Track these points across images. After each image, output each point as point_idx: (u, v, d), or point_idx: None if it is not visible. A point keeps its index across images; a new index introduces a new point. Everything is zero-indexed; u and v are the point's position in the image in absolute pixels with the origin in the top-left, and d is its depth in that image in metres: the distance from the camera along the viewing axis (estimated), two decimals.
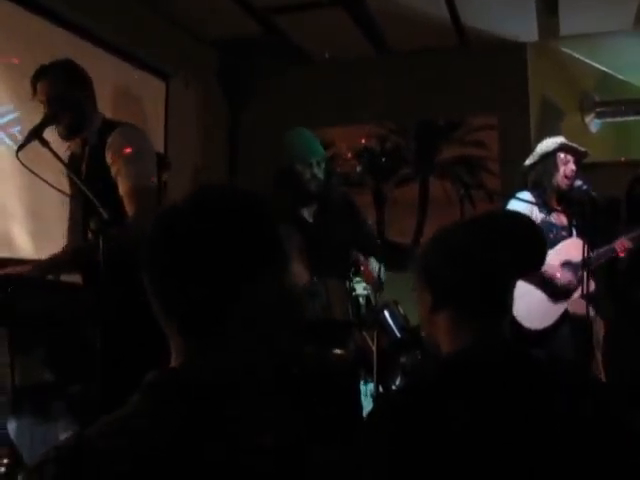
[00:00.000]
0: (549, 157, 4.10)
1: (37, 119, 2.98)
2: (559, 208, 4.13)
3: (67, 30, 5.37)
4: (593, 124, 7.84)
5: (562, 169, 4.08)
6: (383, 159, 6.14)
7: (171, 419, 0.94)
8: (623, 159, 6.91)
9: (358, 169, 4.44)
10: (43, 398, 3.66)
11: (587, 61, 7.46)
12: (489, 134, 6.85)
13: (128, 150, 3.02)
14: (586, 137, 7.79)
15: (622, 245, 3.93)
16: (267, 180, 3.89)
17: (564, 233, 4.13)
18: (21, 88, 3.66)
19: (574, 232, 4.16)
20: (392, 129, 7.02)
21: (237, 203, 1.04)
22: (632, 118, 7.69)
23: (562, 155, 4.09)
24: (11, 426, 3.63)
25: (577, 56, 7.35)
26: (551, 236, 4.03)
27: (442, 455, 1.26)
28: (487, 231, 1.49)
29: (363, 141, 6.98)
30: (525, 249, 1.47)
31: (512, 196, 4.15)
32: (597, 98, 7.80)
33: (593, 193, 3.93)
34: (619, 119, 7.79)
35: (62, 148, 3.10)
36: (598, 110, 7.78)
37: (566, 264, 4.03)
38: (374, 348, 3.03)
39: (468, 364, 1.40)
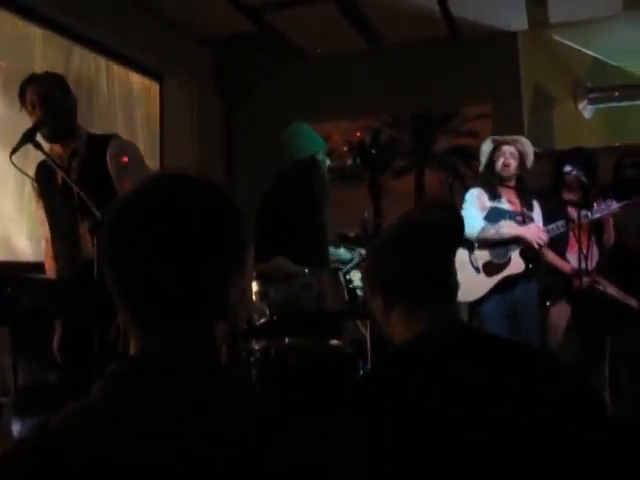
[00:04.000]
0: (490, 154, 4.41)
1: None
2: (510, 194, 4.41)
3: (60, 34, 5.43)
4: (586, 110, 7.89)
5: (501, 160, 4.34)
6: (373, 151, 6.20)
7: (124, 405, 0.96)
8: (618, 144, 6.94)
9: (349, 162, 4.48)
10: (47, 398, 3.71)
11: (578, 48, 7.49)
12: (483, 123, 6.91)
13: (128, 160, 3.18)
14: (579, 123, 7.85)
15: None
16: (265, 176, 3.92)
17: (518, 218, 4.34)
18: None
19: (535, 219, 4.34)
20: (387, 122, 7.07)
21: (209, 200, 1.05)
22: (625, 103, 7.74)
23: (499, 149, 4.38)
24: (15, 427, 3.69)
25: (568, 43, 7.39)
26: (503, 221, 4.29)
27: (404, 432, 1.33)
28: (408, 224, 1.61)
29: (358, 134, 7.03)
30: (443, 233, 1.58)
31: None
32: (589, 84, 7.85)
33: (583, 178, 4.08)
34: (612, 105, 7.83)
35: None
36: (591, 96, 7.83)
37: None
38: (368, 337, 3.08)
39: (420, 349, 1.49)
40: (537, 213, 4.39)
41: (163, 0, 5.93)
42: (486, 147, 4.44)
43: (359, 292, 3.79)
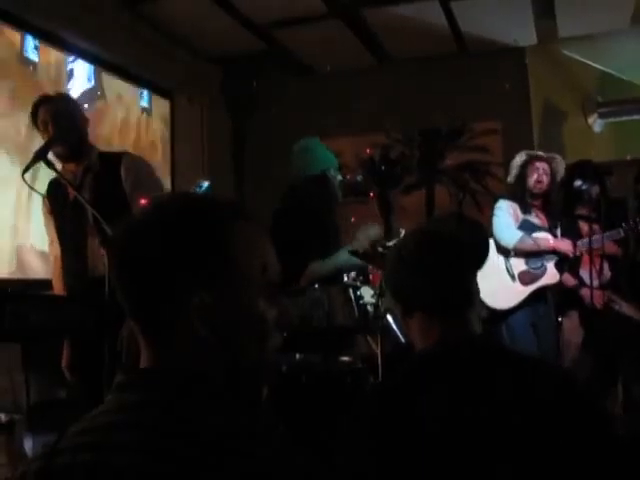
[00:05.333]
0: (523, 168, 4.38)
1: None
2: (538, 210, 4.39)
3: (70, 53, 5.48)
4: (596, 124, 7.87)
5: (534, 176, 4.31)
6: (383, 167, 6.19)
7: (130, 418, 0.98)
8: (629, 158, 6.92)
9: (358, 178, 4.47)
10: (58, 414, 3.72)
11: (588, 62, 7.49)
12: (492, 139, 6.88)
13: (147, 175, 3.26)
14: (590, 138, 7.83)
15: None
16: (274, 192, 3.92)
17: (547, 232, 4.32)
18: None
19: (558, 234, 4.34)
20: (396, 138, 7.06)
21: (184, 214, 1.05)
22: (636, 117, 7.72)
23: (532, 164, 4.35)
24: (28, 444, 3.69)
25: (577, 58, 7.39)
26: (536, 234, 4.27)
27: (415, 444, 1.33)
28: (431, 239, 1.60)
29: (367, 151, 7.03)
30: (467, 248, 1.58)
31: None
32: (599, 99, 7.83)
33: (593, 192, 4.07)
34: (622, 119, 7.81)
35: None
36: (600, 111, 7.81)
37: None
38: (379, 353, 3.06)
39: (433, 361, 1.49)
40: (559, 231, 4.39)
41: (173, 20, 5.98)
42: (519, 160, 4.41)
43: (369, 308, 3.78)
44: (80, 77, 5.62)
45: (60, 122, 3.11)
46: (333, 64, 7.06)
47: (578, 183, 4.19)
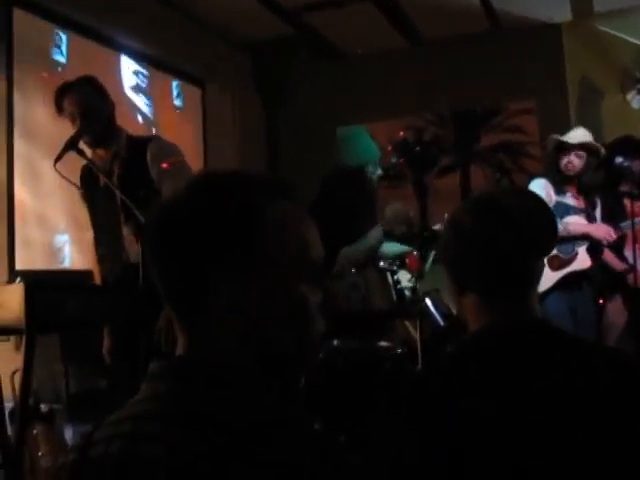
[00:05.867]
0: (553, 152, 4.29)
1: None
2: (574, 190, 4.29)
3: (99, 43, 5.47)
4: (635, 101, 7.68)
5: (565, 159, 4.22)
6: (417, 148, 6.12)
7: (161, 408, 0.95)
8: None
9: (393, 159, 4.42)
10: (97, 404, 3.74)
11: (625, 37, 7.30)
12: (528, 119, 6.78)
13: (167, 165, 3.16)
14: (628, 114, 7.65)
15: None
16: (308, 178, 3.88)
17: (583, 215, 4.23)
18: None
19: (597, 217, 4.22)
20: (430, 120, 6.99)
21: (214, 194, 1.00)
22: None
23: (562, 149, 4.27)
24: (68, 433, 3.72)
25: (614, 33, 7.20)
26: (567, 217, 4.17)
27: (463, 433, 1.26)
28: (495, 213, 1.46)
29: (401, 134, 6.97)
30: (534, 228, 1.45)
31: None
32: (638, 74, 7.65)
33: (635, 168, 3.99)
34: None
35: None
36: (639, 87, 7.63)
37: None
38: (417, 337, 3.02)
39: (486, 342, 1.40)
40: (599, 211, 4.29)
41: (202, 7, 5.95)
42: (549, 146, 4.35)
43: (407, 293, 3.74)
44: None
45: (87, 112, 3.09)
46: (365, 47, 6.98)
47: (619, 160, 4.10)
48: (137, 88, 5.84)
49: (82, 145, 3.07)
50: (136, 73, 5.83)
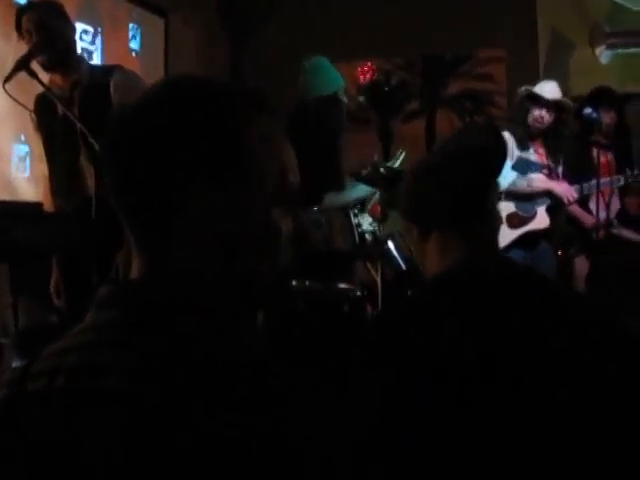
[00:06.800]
0: (523, 103, 4.20)
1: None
2: (538, 145, 4.25)
3: None
4: (604, 56, 7.66)
5: (535, 112, 4.14)
6: (386, 88, 6.02)
7: (116, 334, 0.85)
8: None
9: (360, 98, 4.35)
10: (48, 338, 3.65)
11: None
12: (497, 67, 6.70)
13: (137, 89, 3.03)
14: (596, 68, 7.63)
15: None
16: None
17: (545, 171, 4.20)
18: None
19: (559, 172, 4.20)
20: (398, 64, 6.87)
21: (195, 94, 0.89)
22: None
23: (533, 102, 4.17)
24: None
25: None
26: (529, 173, 4.15)
27: (436, 369, 1.20)
28: (447, 148, 1.47)
29: (368, 77, 6.84)
30: (484, 155, 1.45)
31: None
32: (608, 29, 7.61)
33: (605, 118, 3.98)
34: (630, 50, 7.60)
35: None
36: (609, 42, 7.59)
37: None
38: (378, 280, 2.97)
39: (456, 281, 1.36)
40: (561, 169, 4.26)
41: None
42: (519, 95, 4.23)
43: (367, 237, 3.68)
44: None
45: (43, 31, 2.94)
46: None
47: (588, 110, 4.06)
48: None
49: (38, 70, 2.93)
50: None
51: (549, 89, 4.16)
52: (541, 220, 4.14)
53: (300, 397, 0.85)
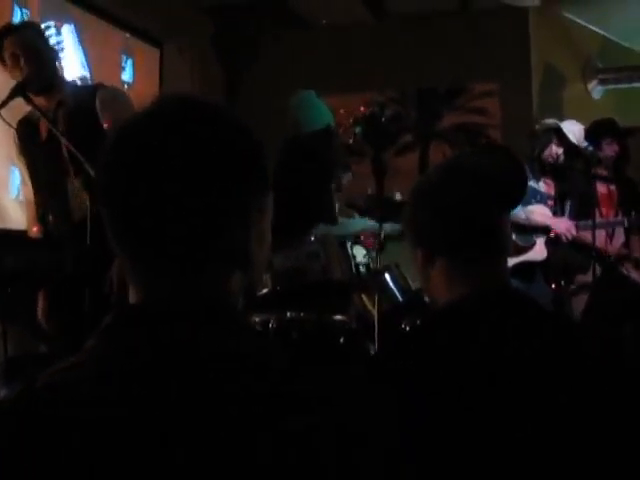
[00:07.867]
0: (548, 132, 4.17)
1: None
2: (546, 179, 4.22)
3: None
4: (596, 91, 7.72)
5: (553, 149, 4.13)
6: (383, 120, 6.04)
7: (131, 361, 0.80)
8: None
9: (357, 129, 4.34)
10: (38, 366, 3.58)
11: (590, 27, 7.31)
12: (491, 101, 6.74)
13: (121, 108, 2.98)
14: (588, 104, 7.68)
15: None
16: (267, 147, 3.78)
17: (550, 202, 4.17)
18: None
19: (567, 209, 4.19)
20: (392, 97, 6.90)
21: (228, 125, 0.89)
22: (635, 85, 7.58)
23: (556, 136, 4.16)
24: (3, 393, 3.56)
25: (579, 21, 7.20)
26: (534, 202, 4.10)
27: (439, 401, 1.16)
28: (458, 172, 1.39)
29: (362, 109, 6.87)
30: (501, 184, 1.38)
31: None
32: (600, 65, 7.68)
33: (598, 154, 3.98)
34: (622, 86, 7.67)
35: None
36: (601, 77, 7.66)
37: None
38: (375, 312, 2.92)
39: (462, 313, 1.30)
40: (568, 204, 4.22)
41: None
42: (549, 124, 4.22)
43: (362, 269, 3.65)
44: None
45: (36, 53, 2.91)
46: (330, 19, 6.83)
47: (584, 144, 4.06)
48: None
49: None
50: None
51: (576, 133, 4.16)
52: (539, 251, 4.10)
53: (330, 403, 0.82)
